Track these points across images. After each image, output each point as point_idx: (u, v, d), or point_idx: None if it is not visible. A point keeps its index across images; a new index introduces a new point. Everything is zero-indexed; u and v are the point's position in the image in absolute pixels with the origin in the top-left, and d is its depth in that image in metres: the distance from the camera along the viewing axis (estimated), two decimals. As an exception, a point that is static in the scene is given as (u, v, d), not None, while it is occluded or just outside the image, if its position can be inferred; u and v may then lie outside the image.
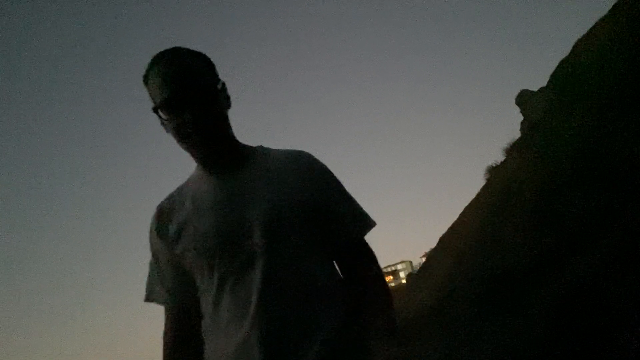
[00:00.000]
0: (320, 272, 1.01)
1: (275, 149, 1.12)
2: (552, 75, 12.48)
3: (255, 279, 0.96)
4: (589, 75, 8.72)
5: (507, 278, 6.28)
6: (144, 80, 1.05)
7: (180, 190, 1.11)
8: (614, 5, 10.32)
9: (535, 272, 5.63)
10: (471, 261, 9.74)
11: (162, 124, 1.03)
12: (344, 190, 1.11)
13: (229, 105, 1.05)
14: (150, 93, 1.01)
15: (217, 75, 1.06)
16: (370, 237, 1.16)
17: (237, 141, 1.06)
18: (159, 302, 1.11)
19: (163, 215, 1.07)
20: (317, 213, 1.03)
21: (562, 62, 12.20)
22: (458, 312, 7.73)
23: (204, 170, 1.07)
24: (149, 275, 1.13)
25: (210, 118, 0.98)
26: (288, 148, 1.15)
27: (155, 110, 1.00)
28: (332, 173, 1.11)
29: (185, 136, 0.97)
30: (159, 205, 1.11)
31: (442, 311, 8.89)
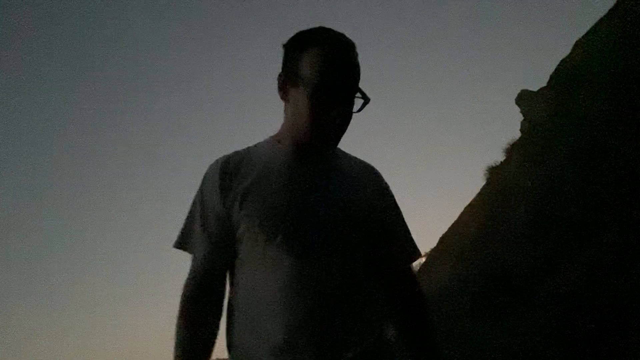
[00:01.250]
0: (366, 283, 1.04)
1: (349, 154, 1.13)
2: (552, 75, 12.47)
3: (313, 268, 0.95)
4: (589, 75, 8.71)
5: (507, 278, 6.27)
6: (292, 45, 1.01)
7: (249, 152, 1.07)
8: (614, 5, 10.32)
9: (535, 272, 5.62)
10: (471, 261, 9.73)
11: (285, 92, 1.01)
12: (402, 216, 1.14)
13: None
14: (295, 63, 0.98)
15: None
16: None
17: None
18: (193, 251, 1.04)
19: (230, 169, 1.02)
20: (375, 231, 1.06)
21: (562, 62, 12.19)
22: (458, 312, 7.72)
23: (286, 147, 1.04)
24: (189, 219, 1.06)
25: (349, 121, 0.98)
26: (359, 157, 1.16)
27: (288, 81, 0.98)
28: (394, 196, 1.14)
29: (321, 126, 0.96)
30: (226, 157, 1.05)
31: (442, 311, 8.88)
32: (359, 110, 0.99)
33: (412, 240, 1.13)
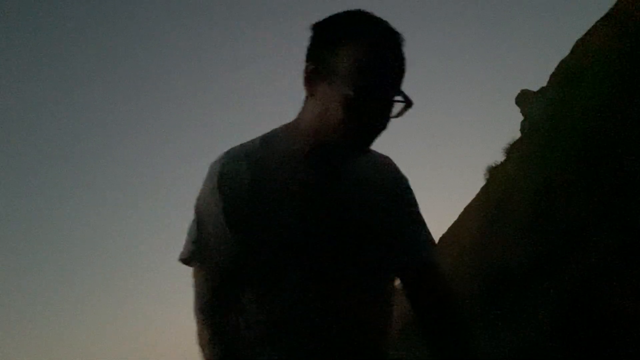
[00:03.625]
0: (385, 300, 0.98)
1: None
2: (552, 75, 12.48)
3: (335, 292, 0.88)
4: (589, 75, 8.71)
5: (507, 278, 6.27)
6: (326, 33, 0.86)
7: (256, 147, 0.93)
8: (614, 5, 10.32)
9: (536, 273, 5.62)
10: (471, 261, 9.73)
11: (314, 85, 0.87)
12: (420, 212, 1.05)
13: None
14: (331, 55, 0.84)
15: None
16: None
17: None
18: (204, 264, 0.92)
19: (231, 171, 0.90)
20: (394, 234, 0.99)
21: (562, 62, 12.19)
22: (458, 312, 7.72)
23: (302, 145, 0.91)
24: (195, 231, 0.94)
25: (387, 126, 0.87)
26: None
27: (319, 74, 0.85)
28: (412, 189, 1.05)
29: (358, 131, 0.84)
30: (227, 156, 0.93)
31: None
32: (399, 115, 0.86)
33: (430, 236, 1.02)
